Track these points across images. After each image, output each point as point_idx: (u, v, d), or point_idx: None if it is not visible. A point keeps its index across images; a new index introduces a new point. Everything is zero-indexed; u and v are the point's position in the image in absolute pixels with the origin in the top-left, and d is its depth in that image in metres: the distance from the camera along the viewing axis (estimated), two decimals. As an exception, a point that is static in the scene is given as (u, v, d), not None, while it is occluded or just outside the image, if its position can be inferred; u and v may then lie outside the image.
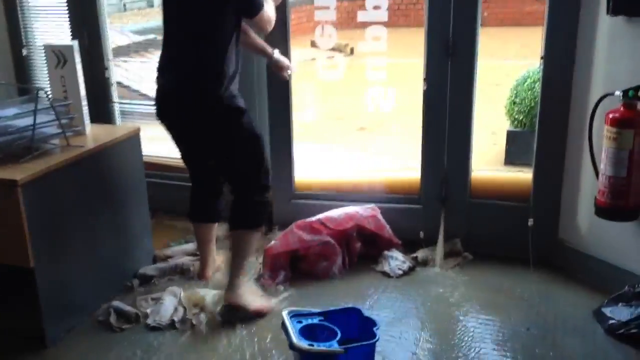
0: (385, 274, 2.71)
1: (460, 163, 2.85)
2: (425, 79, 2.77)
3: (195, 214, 2.66)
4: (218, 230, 2.72)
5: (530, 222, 2.79)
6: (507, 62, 6.08)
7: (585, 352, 2.19)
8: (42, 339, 2.29)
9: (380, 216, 2.81)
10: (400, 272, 2.71)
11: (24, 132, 2.34)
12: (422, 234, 2.92)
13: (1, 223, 2.16)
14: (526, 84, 3.09)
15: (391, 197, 2.99)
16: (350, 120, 5.03)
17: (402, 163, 3.54)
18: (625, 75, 2.35)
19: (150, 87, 3.36)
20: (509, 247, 2.85)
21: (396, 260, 2.76)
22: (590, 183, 2.55)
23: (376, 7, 2.79)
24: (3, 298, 2.32)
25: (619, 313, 2.31)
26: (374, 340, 1.98)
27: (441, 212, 2.90)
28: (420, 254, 2.83)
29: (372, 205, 2.85)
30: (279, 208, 3.07)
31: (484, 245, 2.87)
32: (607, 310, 2.36)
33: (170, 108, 2.39)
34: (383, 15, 2.77)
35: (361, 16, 2.80)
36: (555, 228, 2.79)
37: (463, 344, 2.26)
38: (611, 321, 2.30)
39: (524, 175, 2.88)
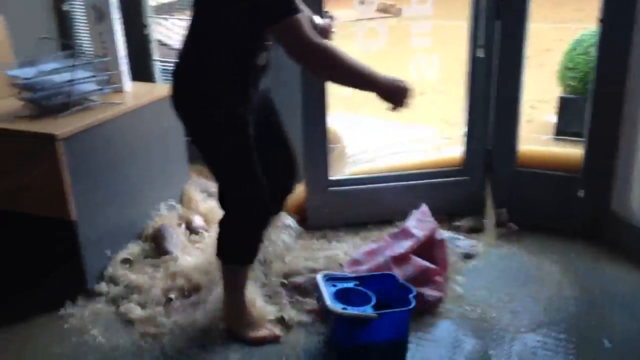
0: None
1: (507, 132, 2.73)
2: (471, 43, 2.64)
3: None
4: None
5: (581, 193, 2.67)
6: (560, 26, 5.84)
7: (632, 327, 2.10)
8: (83, 288, 2.31)
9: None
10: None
11: (62, 88, 2.33)
12: (467, 206, 2.83)
13: (43, 177, 2.17)
14: (580, 48, 2.93)
15: (435, 172, 2.86)
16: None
17: (445, 133, 3.42)
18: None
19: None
20: (556, 218, 2.74)
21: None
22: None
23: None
24: (45, 250, 2.35)
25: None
26: (410, 307, 1.91)
27: (486, 183, 2.80)
28: (467, 223, 2.75)
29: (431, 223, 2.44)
30: (314, 198, 2.77)
31: (529, 215, 2.76)
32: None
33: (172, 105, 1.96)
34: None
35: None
36: (607, 200, 2.66)
37: (505, 315, 2.19)
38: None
39: (572, 145, 2.75)
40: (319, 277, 1.99)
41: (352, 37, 2.87)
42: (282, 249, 2.44)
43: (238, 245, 2.02)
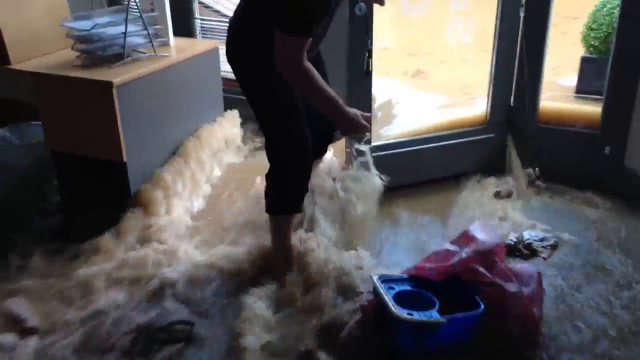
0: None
1: (530, 90, 2.86)
2: (498, 7, 2.77)
3: None
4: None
5: (607, 150, 2.79)
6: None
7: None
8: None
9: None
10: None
11: (116, 40, 2.53)
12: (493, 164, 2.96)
13: (98, 121, 2.38)
14: (605, 9, 3.02)
15: (462, 132, 2.97)
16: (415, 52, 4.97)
17: (470, 92, 3.52)
18: None
19: (228, 8, 3.51)
20: (576, 174, 2.88)
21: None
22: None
23: None
24: (97, 189, 2.58)
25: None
26: (480, 310, 1.76)
27: (511, 141, 2.94)
28: (502, 187, 2.86)
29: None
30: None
31: (551, 173, 2.90)
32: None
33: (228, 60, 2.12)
34: None
35: None
36: (622, 157, 2.79)
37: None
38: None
39: (592, 103, 2.87)
40: (376, 279, 1.85)
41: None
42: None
43: (284, 194, 2.17)
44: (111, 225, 2.44)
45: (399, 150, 2.88)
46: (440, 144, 2.94)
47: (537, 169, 2.92)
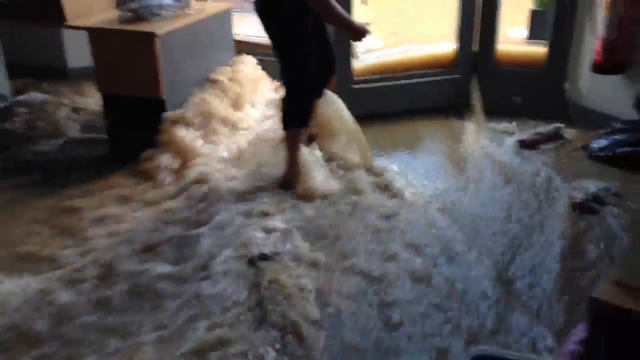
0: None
1: (489, 38, 3.51)
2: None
3: None
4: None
5: (566, 85, 3.44)
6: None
7: (575, 168, 2.94)
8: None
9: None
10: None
11: (150, 1, 3.11)
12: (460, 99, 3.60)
13: (142, 66, 2.96)
14: (549, -32, 3.68)
15: (433, 72, 3.64)
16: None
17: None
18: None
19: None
20: (528, 105, 3.54)
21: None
22: (589, 53, 3.19)
23: None
24: (139, 123, 3.15)
25: (599, 143, 3.02)
26: None
27: (474, 80, 3.59)
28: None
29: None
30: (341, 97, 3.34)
31: (502, 104, 3.56)
32: (593, 143, 3.07)
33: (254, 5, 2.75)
34: None
35: None
36: (563, 88, 3.46)
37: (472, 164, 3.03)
38: (593, 148, 3.02)
39: (542, 47, 3.54)
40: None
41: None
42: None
43: (295, 111, 2.79)
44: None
45: (375, 84, 3.56)
46: (414, 80, 3.60)
47: (514, 98, 3.55)
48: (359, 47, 3.49)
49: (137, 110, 3.10)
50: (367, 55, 3.73)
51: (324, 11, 2.64)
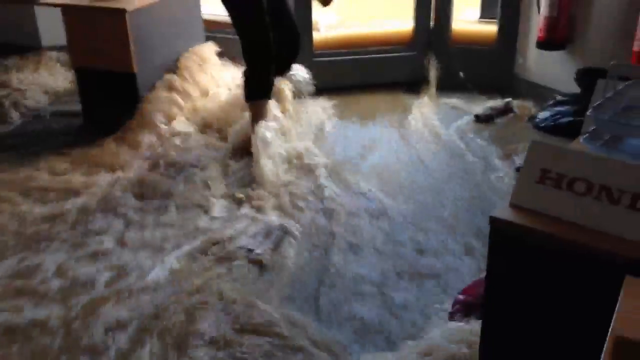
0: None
1: (444, 17, 3.73)
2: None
3: None
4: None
5: (520, 60, 3.67)
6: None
7: (517, 137, 3.18)
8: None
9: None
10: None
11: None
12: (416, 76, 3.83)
13: (113, 41, 3.12)
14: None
15: (391, 48, 3.87)
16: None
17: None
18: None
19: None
20: (480, 81, 3.77)
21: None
22: (536, 30, 3.42)
23: None
24: (111, 95, 3.31)
25: (543, 115, 3.27)
26: None
27: (430, 57, 3.80)
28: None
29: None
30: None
31: (455, 80, 3.78)
32: (538, 115, 3.32)
33: None
34: None
35: None
36: (512, 65, 3.71)
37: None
38: (537, 120, 3.27)
39: (493, 26, 3.77)
40: None
41: None
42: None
43: (256, 83, 3.01)
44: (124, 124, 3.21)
45: (334, 58, 3.79)
46: (372, 56, 3.83)
47: (461, 73, 3.78)
48: (322, 19, 3.69)
49: (110, 84, 3.26)
50: (328, 29, 3.94)
51: None
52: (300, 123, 3.32)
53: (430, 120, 3.42)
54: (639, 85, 1.37)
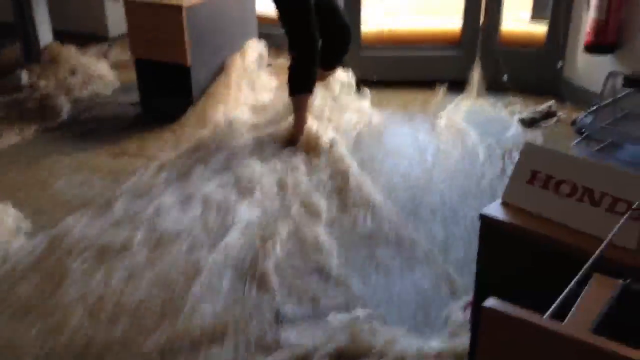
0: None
1: (494, 17, 3.74)
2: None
3: None
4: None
5: (560, 63, 3.67)
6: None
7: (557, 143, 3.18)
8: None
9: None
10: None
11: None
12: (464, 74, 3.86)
13: (170, 35, 3.32)
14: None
15: (438, 46, 3.93)
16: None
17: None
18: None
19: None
20: (526, 83, 3.76)
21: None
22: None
23: None
24: (168, 86, 3.52)
25: (586, 120, 3.21)
26: None
27: (477, 57, 3.83)
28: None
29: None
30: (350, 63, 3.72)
31: (502, 82, 3.79)
32: (581, 119, 3.28)
33: None
34: None
35: None
36: (559, 68, 3.68)
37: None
38: (579, 124, 3.24)
39: (542, 26, 3.75)
40: None
41: None
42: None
43: (300, 78, 3.14)
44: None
45: (381, 53, 3.91)
46: (419, 53, 3.91)
47: (505, 75, 3.79)
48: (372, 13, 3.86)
49: (166, 75, 3.48)
50: (377, 23, 4.04)
51: None
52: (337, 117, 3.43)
53: (461, 123, 3.44)
54: (636, 95, 1.41)
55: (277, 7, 3.08)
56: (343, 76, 3.64)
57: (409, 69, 3.92)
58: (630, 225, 1.17)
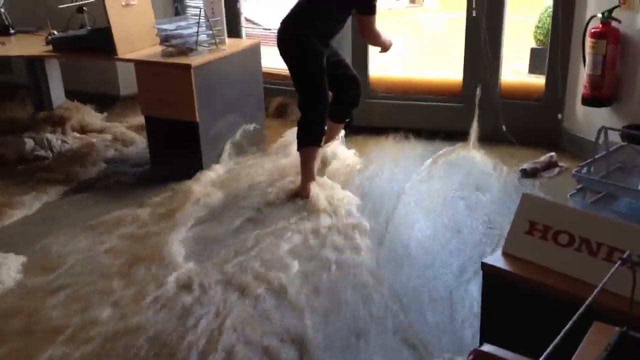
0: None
1: (492, 71, 3.86)
2: (468, 7, 3.79)
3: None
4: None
5: (560, 116, 3.77)
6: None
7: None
8: (200, 165, 3.58)
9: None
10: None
11: (189, 37, 3.60)
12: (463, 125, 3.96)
13: (179, 92, 3.44)
14: (547, 11, 4.01)
15: (441, 97, 4.08)
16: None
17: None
18: (608, 3, 3.26)
19: (263, 19, 4.59)
20: (526, 134, 3.85)
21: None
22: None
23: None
24: (175, 141, 3.61)
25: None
26: None
27: (477, 109, 3.93)
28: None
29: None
30: (358, 109, 3.87)
31: (501, 133, 3.89)
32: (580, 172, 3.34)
33: (279, 46, 3.28)
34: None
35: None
36: (558, 119, 3.77)
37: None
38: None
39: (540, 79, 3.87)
40: None
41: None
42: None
43: (308, 131, 3.26)
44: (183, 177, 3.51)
45: (388, 100, 4.12)
46: (421, 103, 4.07)
47: (504, 126, 3.88)
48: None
49: (175, 132, 3.57)
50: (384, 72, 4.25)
51: (376, 43, 3.36)
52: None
53: (472, 174, 3.53)
54: (629, 148, 1.47)
55: (292, 68, 3.23)
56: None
57: (411, 118, 4.08)
58: (624, 273, 1.21)
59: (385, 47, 3.41)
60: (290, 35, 3.21)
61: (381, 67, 4.28)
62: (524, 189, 3.34)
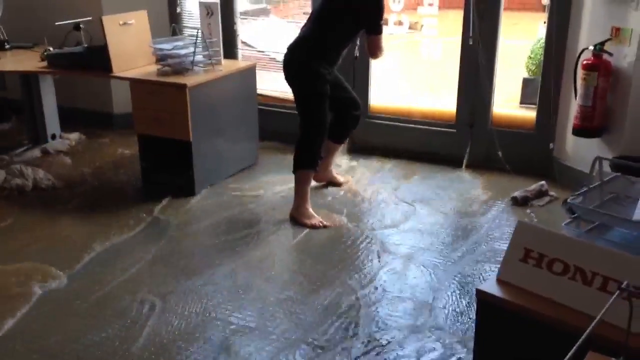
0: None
1: (485, 99, 3.91)
2: (464, 36, 3.84)
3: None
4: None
5: (552, 145, 3.80)
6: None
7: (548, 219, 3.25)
8: (191, 190, 3.58)
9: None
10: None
11: (185, 57, 3.61)
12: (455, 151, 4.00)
13: (174, 112, 3.44)
14: (539, 43, 4.08)
15: (435, 122, 4.14)
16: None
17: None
18: (599, 36, 3.32)
19: (259, 42, 4.63)
20: (517, 163, 3.89)
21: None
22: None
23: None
24: (169, 161, 3.61)
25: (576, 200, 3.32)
26: None
27: (470, 137, 3.97)
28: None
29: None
30: (359, 128, 3.92)
31: (492, 160, 3.92)
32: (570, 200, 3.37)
33: (285, 71, 3.32)
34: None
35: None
36: (550, 149, 3.81)
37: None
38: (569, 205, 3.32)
39: (532, 111, 3.91)
40: None
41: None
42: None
43: (305, 154, 3.26)
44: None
45: (386, 122, 4.21)
46: (417, 126, 4.14)
47: (499, 153, 3.92)
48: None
49: (168, 150, 3.57)
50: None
51: (381, 57, 3.33)
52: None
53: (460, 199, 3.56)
54: (622, 179, 1.48)
55: (297, 92, 3.26)
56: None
57: (407, 141, 4.15)
58: (620, 304, 1.21)
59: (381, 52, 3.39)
60: (297, 61, 3.25)
61: (380, 94, 4.35)
62: (515, 216, 3.36)
